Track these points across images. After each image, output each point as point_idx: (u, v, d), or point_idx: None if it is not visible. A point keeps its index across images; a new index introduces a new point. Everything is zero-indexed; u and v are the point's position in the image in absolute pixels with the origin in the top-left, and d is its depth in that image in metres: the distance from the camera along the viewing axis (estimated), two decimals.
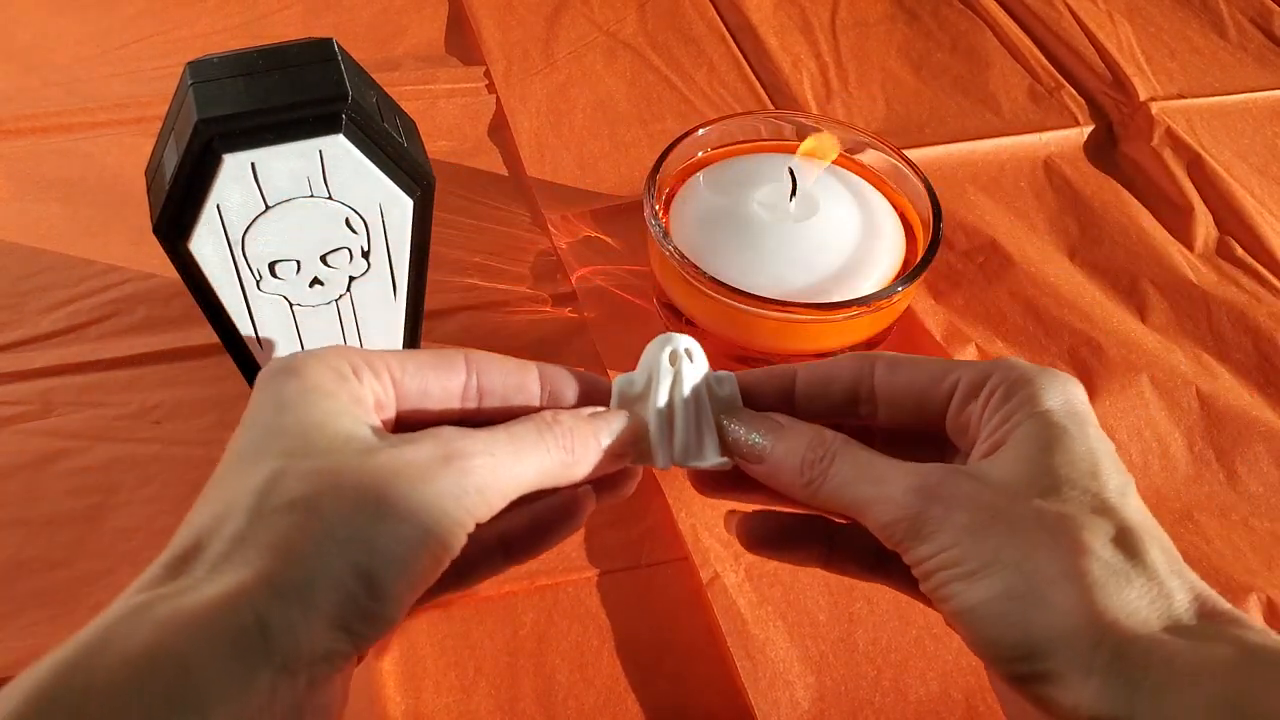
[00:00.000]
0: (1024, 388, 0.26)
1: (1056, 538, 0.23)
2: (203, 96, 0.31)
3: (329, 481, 0.23)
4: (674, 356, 0.30)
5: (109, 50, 0.63)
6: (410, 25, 0.67)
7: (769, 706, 0.37)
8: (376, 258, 0.37)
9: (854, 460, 0.27)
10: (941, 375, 0.28)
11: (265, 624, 0.21)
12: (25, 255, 0.51)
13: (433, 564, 0.24)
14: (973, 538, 0.24)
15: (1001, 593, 0.23)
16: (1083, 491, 0.24)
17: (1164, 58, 0.67)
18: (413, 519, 0.23)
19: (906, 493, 0.25)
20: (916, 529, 0.25)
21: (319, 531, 0.22)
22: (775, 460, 0.28)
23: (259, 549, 0.22)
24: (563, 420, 0.27)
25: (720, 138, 0.50)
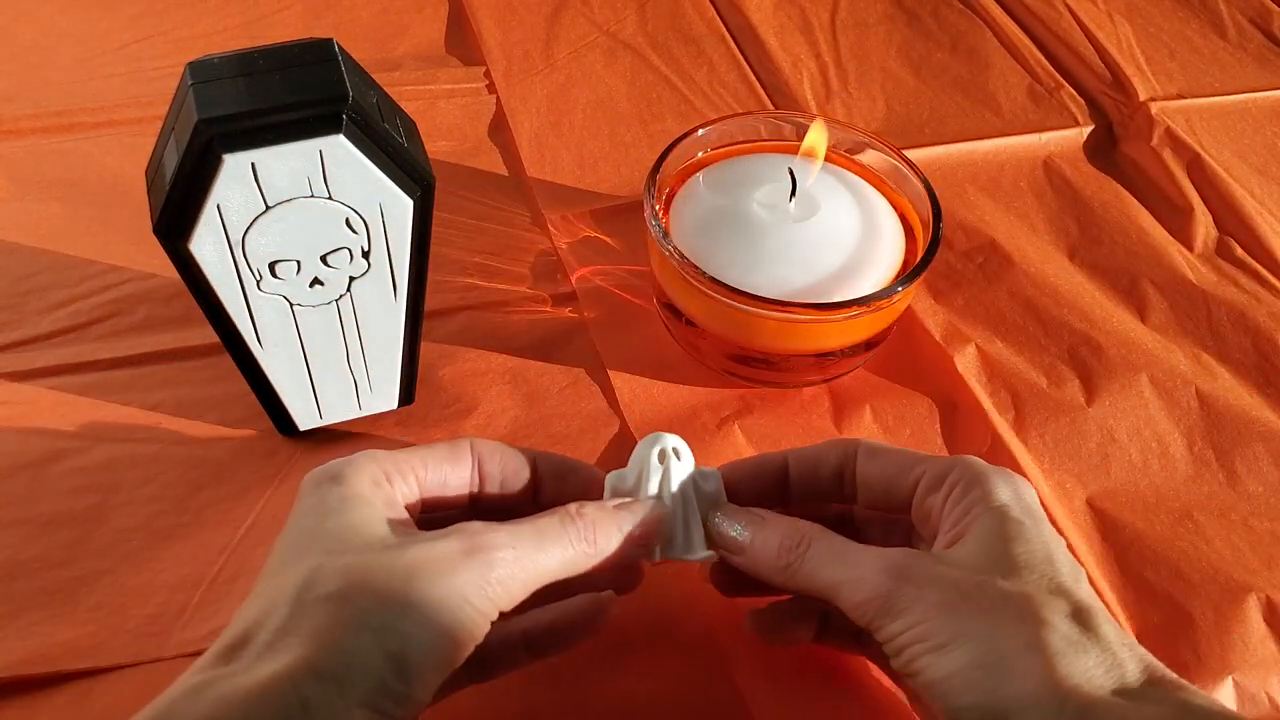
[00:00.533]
0: (980, 485, 0.29)
1: (1020, 613, 0.26)
2: (203, 96, 0.31)
3: (363, 576, 0.26)
4: (662, 455, 0.32)
5: (109, 50, 0.63)
6: (410, 25, 0.67)
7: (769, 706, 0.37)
8: (376, 258, 0.37)
9: (828, 546, 0.30)
10: (909, 467, 0.31)
11: (307, 703, 0.23)
12: (25, 255, 0.51)
13: (457, 650, 0.26)
14: (942, 614, 0.26)
15: (970, 663, 0.25)
16: (1040, 575, 0.27)
17: (1164, 58, 0.67)
18: (439, 607, 0.26)
19: (878, 574, 0.28)
20: (888, 607, 0.27)
21: (354, 620, 0.25)
22: (755, 550, 0.31)
23: (300, 637, 0.24)
24: (586, 512, 0.30)
25: (720, 138, 0.50)
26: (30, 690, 0.36)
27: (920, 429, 0.46)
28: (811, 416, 0.46)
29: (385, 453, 0.31)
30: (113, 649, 0.37)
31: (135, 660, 0.36)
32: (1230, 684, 0.37)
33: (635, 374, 0.47)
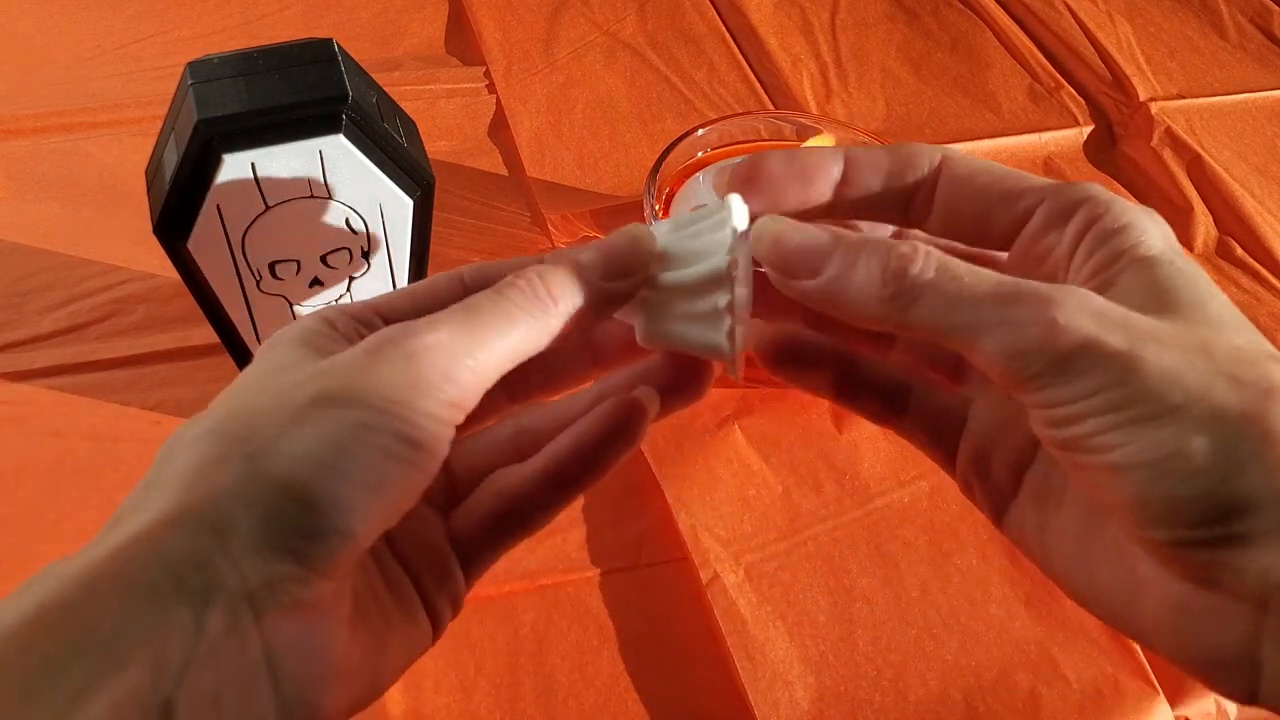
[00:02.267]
0: (1127, 231, 0.22)
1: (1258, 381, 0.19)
2: (203, 96, 0.31)
3: (242, 406, 0.21)
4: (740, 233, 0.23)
5: (109, 50, 0.63)
6: (410, 25, 0.67)
7: (769, 706, 0.37)
8: (376, 258, 0.37)
9: (958, 270, 0.21)
10: (1018, 194, 0.23)
11: (170, 560, 0.18)
12: (26, 255, 0.51)
13: (397, 465, 0.20)
14: (1150, 375, 0.19)
15: (1196, 445, 0.19)
16: (1249, 339, 0.20)
17: (1164, 58, 0.67)
18: (345, 416, 0.20)
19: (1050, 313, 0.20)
20: (1067, 361, 0.19)
21: (224, 452, 0.20)
22: (840, 268, 0.22)
23: (161, 489, 0.20)
24: (528, 272, 0.23)
25: (720, 138, 0.50)
26: None
27: None
28: (811, 416, 0.46)
29: (342, 304, 0.25)
30: None
31: None
32: None
33: None
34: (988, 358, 0.20)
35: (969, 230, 0.24)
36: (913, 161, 0.24)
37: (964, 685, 0.38)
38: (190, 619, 0.18)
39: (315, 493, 0.19)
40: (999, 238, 0.24)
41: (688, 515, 0.42)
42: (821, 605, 0.40)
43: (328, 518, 0.19)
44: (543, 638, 0.38)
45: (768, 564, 0.41)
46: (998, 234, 0.24)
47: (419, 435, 0.20)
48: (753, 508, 0.42)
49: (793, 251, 0.23)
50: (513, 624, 0.39)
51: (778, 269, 0.23)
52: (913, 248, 0.21)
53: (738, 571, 0.40)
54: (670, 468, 0.43)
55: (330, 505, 0.19)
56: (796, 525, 0.42)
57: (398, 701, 0.37)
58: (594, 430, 0.25)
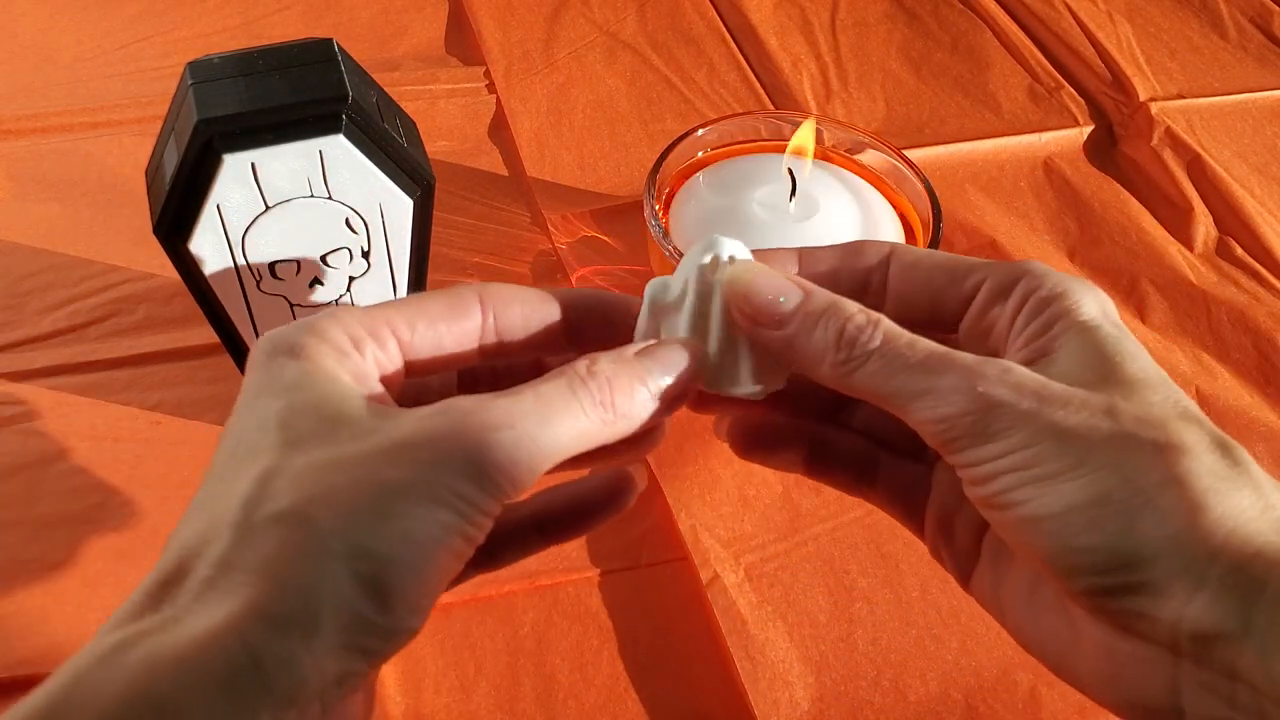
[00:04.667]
0: (1062, 298, 0.24)
1: (1154, 438, 0.21)
2: (203, 96, 0.31)
3: (323, 483, 0.20)
4: (714, 264, 0.25)
5: (109, 50, 0.63)
6: (410, 25, 0.67)
7: (769, 706, 0.37)
8: (376, 258, 0.37)
9: (900, 343, 0.23)
10: (963, 275, 0.25)
11: (259, 659, 0.18)
12: (25, 255, 0.51)
13: (453, 560, 0.21)
14: (1055, 436, 0.21)
15: (1094, 497, 0.20)
16: (1165, 397, 0.22)
17: (1164, 58, 0.67)
18: (423, 514, 0.20)
19: (968, 383, 0.22)
20: (983, 425, 0.21)
21: (313, 546, 0.20)
22: (801, 327, 0.24)
23: (247, 573, 0.19)
24: (600, 370, 0.23)
25: (720, 138, 0.50)
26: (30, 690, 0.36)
27: None
28: None
29: (356, 311, 0.24)
30: None
31: None
32: None
33: None
34: (919, 422, 0.23)
35: (923, 313, 0.26)
36: (862, 252, 0.27)
37: (964, 685, 0.38)
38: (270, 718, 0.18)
39: (396, 596, 0.20)
40: (950, 317, 0.26)
41: (688, 515, 0.42)
42: (822, 605, 0.40)
43: (404, 620, 0.20)
44: (543, 638, 0.38)
45: (768, 564, 0.41)
46: (949, 314, 0.26)
47: (477, 533, 0.21)
48: (753, 508, 0.42)
49: (762, 306, 0.24)
50: (513, 624, 0.39)
51: (746, 317, 0.25)
52: (866, 318, 0.23)
53: (738, 571, 0.40)
54: (670, 468, 0.43)
55: (407, 608, 0.20)
56: (797, 525, 0.42)
57: (397, 701, 0.37)
58: (590, 495, 0.27)
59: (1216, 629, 0.19)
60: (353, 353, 0.23)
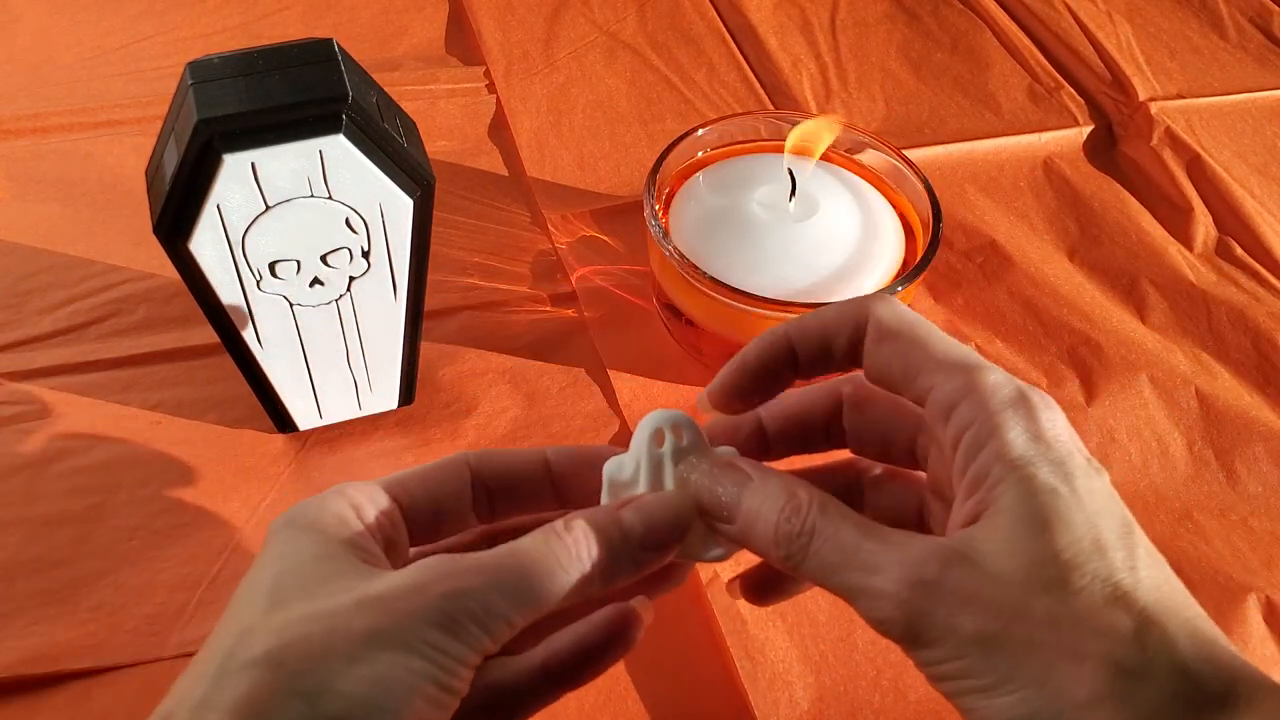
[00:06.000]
0: (995, 434, 0.23)
1: (1075, 648, 0.21)
2: (203, 96, 0.31)
3: (298, 631, 0.21)
4: (659, 437, 0.27)
5: (109, 50, 0.63)
6: (410, 25, 0.67)
7: (768, 706, 0.37)
8: (376, 258, 0.37)
9: (836, 538, 0.24)
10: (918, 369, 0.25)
11: None
12: (25, 255, 0.51)
13: (429, 707, 0.22)
14: (982, 650, 0.21)
15: (1024, 714, 0.21)
16: (1092, 578, 0.22)
17: (1163, 58, 0.67)
18: (394, 659, 0.21)
19: (899, 587, 0.22)
20: (915, 634, 0.22)
21: (282, 685, 0.20)
22: (746, 522, 0.25)
23: (220, 713, 0.20)
24: (577, 526, 0.24)
25: (720, 138, 0.50)
26: (30, 690, 0.36)
27: None
28: None
29: (362, 484, 0.26)
30: (112, 649, 0.37)
31: (135, 660, 0.36)
32: None
33: (635, 374, 0.47)
34: (864, 618, 0.23)
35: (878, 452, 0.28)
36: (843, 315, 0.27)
37: None
38: None
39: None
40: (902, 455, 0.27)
41: None
42: (821, 605, 0.40)
43: None
44: None
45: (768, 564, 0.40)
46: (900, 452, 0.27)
47: (450, 681, 0.22)
48: None
49: (709, 503, 0.26)
50: None
51: (702, 513, 0.26)
52: (795, 508, 0.24)
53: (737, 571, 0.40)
54: None
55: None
56: None
57: None
58: (596, 635, 0.27)
59: None
60: (352, 520, 0.25)
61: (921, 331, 0.26)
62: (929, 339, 0.26)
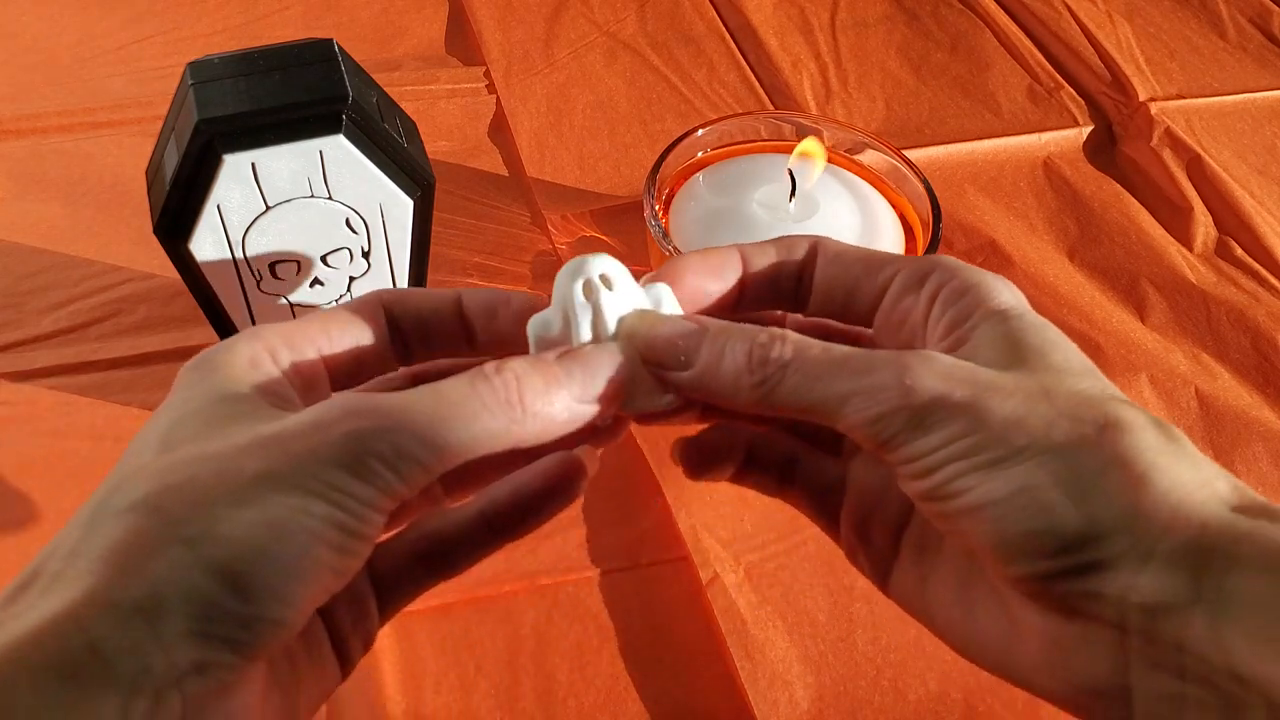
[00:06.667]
0: (975, 289, 0.24)
1: (1094, 418, 0.20)
2: (203, 97, 0.31)
3: (183, 474, 0.20)
4: (588, 288, 0.24)
5: (109, 50, 0.63)
6: (410, 26, 0.67)
7: (768, 706, 0.37)
8: (376, 258, 0.37)
9: (817, 353, 0.22)
10: (878, 267, 0.25)
11: (97, 646, 0.17)
12: (26, 255, 0.51)
13: (332, 553, 0.20)
14: (994, 423, 0.20)
15: (1039, 481, 0.20)
16: (1094, 381, 0.22)
17: (1163, 58, 0.67)
18: (287, 501, 0.19)
19: (898, 379, 0.21)
20: (920, 418, 0.21)
21: (160, 532, 0.19)
22: (709, 365, 0.23)
23: (90, 561, 0.19)
24: (509, 368, 0.22)
25: (720, 138, 0.50)
26: None
27: None
28: None
29: (275, 325, 0.24)
30: None
31: None
32: None
33: None
34: (850, 426, 0.22)
35: (840, 305, 0.26)
36: (793, 247, 0.26)
37: (964, 685, 0.38)
38: (116, 708, 0.17)
39: (253, 582, 0.19)
40: (866, 309, 0.26)
41: (688, 515, 0.42)
42: (821, 605, 0.40)
43: (265, 607, 0.19)
44: (543, 637, 0.39)
45: (768, 564, 0.41)
46: (864, 306, 0.26)
47: (358, 526, 0.20)
48: (753, 507, 0.42)
49: (663, 344, 0.24)
50: (513, 624, 0.39)
51: (652, 362, 0.24)
52: (769, 335, 0.23)
53: (738, 571, 0.40)
54: (670, 468, 0.43)
55: (268, 595, 0.19)
56: (797, 525, 0.42)
57: (397, 701, 0.37)
58: (537, 484, 0.25)
59: (1166, 601, 0.19)
60: (265, 362, 0.23)
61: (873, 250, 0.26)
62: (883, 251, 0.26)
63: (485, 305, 0.26)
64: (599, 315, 0.24)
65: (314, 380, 0.24)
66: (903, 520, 0.25)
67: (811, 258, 0.26)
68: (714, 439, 0.28)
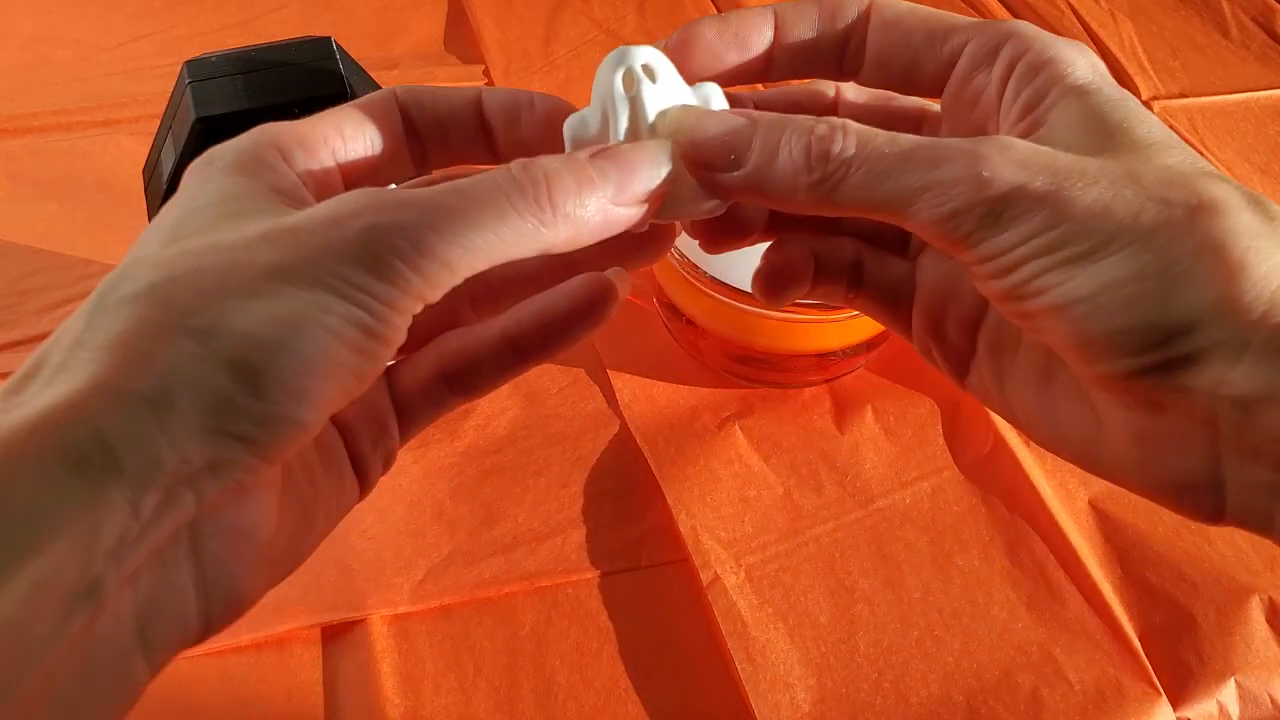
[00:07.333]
0: (1053, 63, 0.21)
1: (1185, 200, 0.19)
2: (200, 95, 0.31)
3: (191, 264, 0.18)
4: (629, 78, 0.22)
5: (107, 49, 0.63)
6: (409, 23, 0.67)
7: (769, 709, 0.37)
8: None
9: (877, 141, 0.20)
10: (944, 35, 0.23)
11: (105, 436, 0.17)
12: (22, 255, 0.50)
13: (350, 351, 0.18)
14: (1079, 214, 0.19)
15: (1128, 274, 0.19)
16: (1184, 157, 0.20)
17: (1166, 56, 0.67)
18: (303, 295, 0.18)
19: (974, 170, 0.19)
20: (996, 214, 0.19)
21: (167, 322, 0.18)
22: (763, 158, 0.21)
23: (94, 351, 0.17)
24: (537, 166, 0.20)
25: None
26: None
27: (922, 429, 0.46)
28: (812, 417, 0.46)
29: (286, 124, 0.22)
30: None
31: None
32: (1232, 685, 0.37)
33: (635, 374, 0.47)
34: (921, 223, 0.20)
35: (900, 77, 0.24)
36: (841, 9, 0.24)
37: (966, 687, 0.38)
38: (125, 500, 0.17)
39: (269, 378, 0.18)
40: (930, 82, 0.23)
41: (688, 516, 0.42)
42: (822, 607, 0.39)
43: (281, 405, 0.18)
44: (542, 639, 0.38)
45: (768, 565, 0.40)
46: (928, 78, 0.23)
47: (377, 327, 0.19)
48: (753, 509, 0.42)
49: (711, 143, 0.22)
50: (512, 625, 0.39)
51: (698, 164, 0.22)
52: (829, 126, 0.21)
53: (738, 573, 0.40)
54: (670, 469, 0.43)
55: (284, 392, 0.18)
56: (797, 526, 0.42)
57: (396, 704, 0.36)
58: (563, 305, 0.24)
59: (1262, 393, 0.18)
60: (277, 161, 0.21)
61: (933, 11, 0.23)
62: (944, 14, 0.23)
63: (506, 106, 0.24)
64: (639, 109, 0.22)
65: (327, 182, 0.22)
66: (978, 315, 0.24)
67: (863, 22, 0.24)
68: (783, 258, 0.26)
